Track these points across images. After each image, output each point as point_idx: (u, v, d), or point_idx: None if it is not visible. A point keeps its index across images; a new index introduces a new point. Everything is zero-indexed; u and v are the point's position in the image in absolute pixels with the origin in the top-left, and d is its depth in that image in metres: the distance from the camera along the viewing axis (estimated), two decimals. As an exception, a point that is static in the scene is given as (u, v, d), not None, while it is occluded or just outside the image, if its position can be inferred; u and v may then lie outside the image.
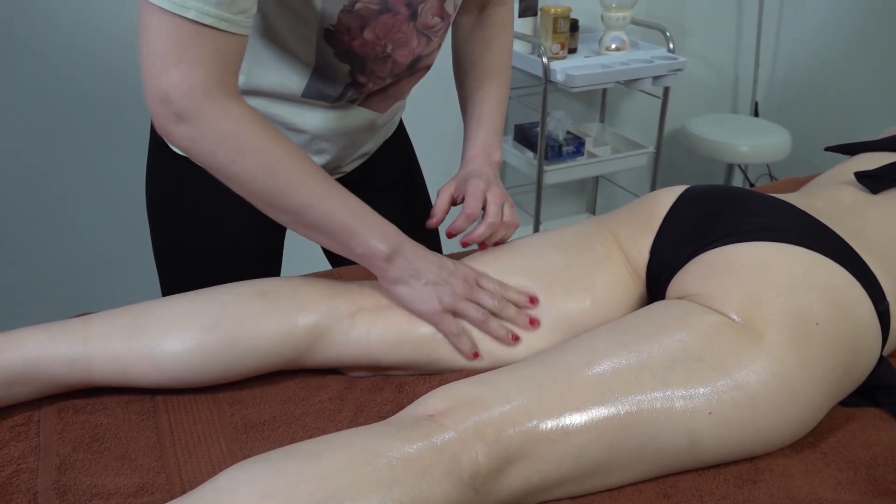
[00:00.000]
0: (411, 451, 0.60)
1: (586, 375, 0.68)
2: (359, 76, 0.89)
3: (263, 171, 0.75)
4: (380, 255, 0.80)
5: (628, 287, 0.87)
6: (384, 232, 0.80)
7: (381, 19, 0.82)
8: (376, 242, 0.79)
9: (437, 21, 0.89)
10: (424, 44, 0.90)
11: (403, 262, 0.80)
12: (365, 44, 0.84)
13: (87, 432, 0.75)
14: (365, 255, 0.80)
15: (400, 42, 0.87)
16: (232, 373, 0.80)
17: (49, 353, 0.76)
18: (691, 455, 0.69)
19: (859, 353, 0.75)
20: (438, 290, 0.81)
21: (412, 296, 0.81)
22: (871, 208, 0.92)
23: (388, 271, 0.81)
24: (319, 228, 0.79)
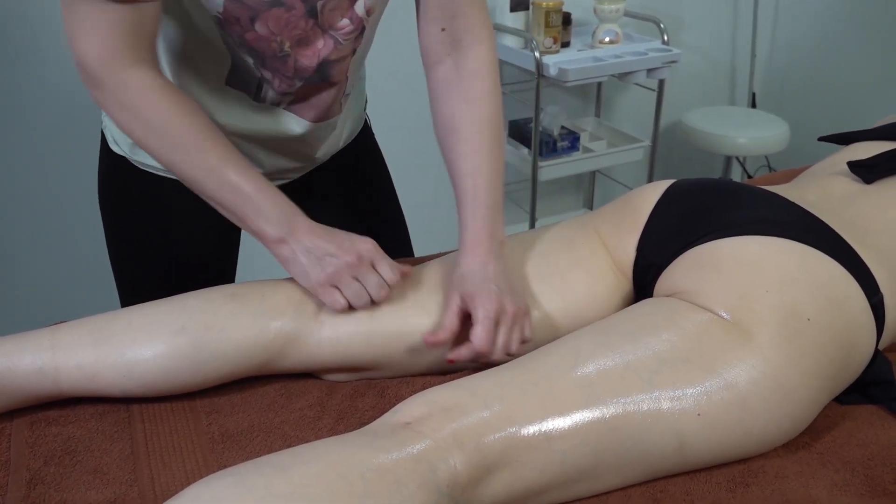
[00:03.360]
0: (386, 461, 0.58)
1: (569, 378, 0.66)
2: (264, 71, 0.86)
3: (157, 143, 0.78)
4: (269, 237, 0.80)
5: (612, 287, 0.85)
6: (278, 215, 0.79)
7: (273, 13, 0.79)
8: (265, 225, 0.79)
9: (346, 23, 0.84)
10: (331, 46, 0.85)
11: (293, 243, 0.80)
12: (258, 38, 0.81)
13: (59, 445, 0.73)
14: (257, 233, 0.80)
15: (298, 40, 0.83)
16: (204, 378, 0.78)
17: (16, 364, 0.74)
18: (680, 458, 0.66)
19: (853, 349, 0.73)
20: (323, 262, 0.79)
21: (299, 270, 0.80)
22: (865, 198, 0.90)
23: (280, 251, 0.81)
24: (216, 202, 0.80)
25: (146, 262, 1.00)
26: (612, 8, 2.11)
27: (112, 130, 0.96)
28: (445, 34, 0.90)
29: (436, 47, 0.91)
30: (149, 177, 0.95)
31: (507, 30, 2.12)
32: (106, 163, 0.99)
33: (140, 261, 1.01)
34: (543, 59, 2.01)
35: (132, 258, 1.01)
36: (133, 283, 1.02)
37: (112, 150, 0.97)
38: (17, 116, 1.82)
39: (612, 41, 2.15)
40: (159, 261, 1.00)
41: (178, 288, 0.85)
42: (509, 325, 0.78)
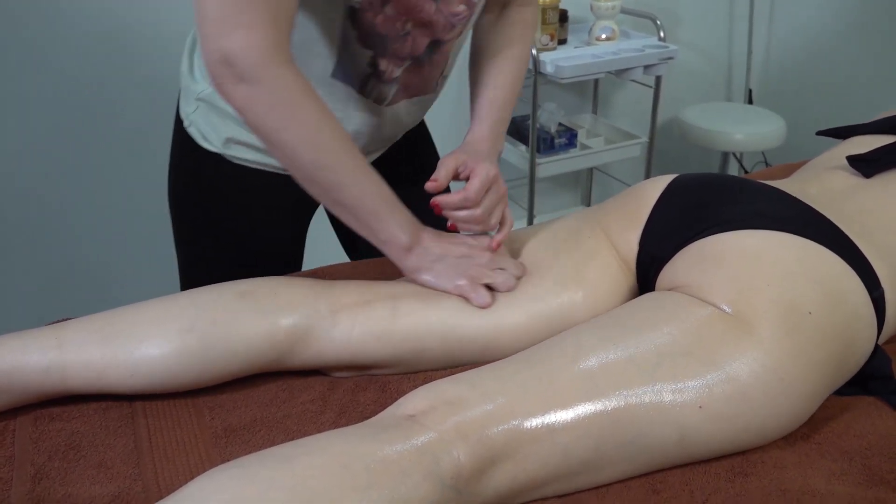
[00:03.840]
0: (390, 453, 0.58)
1: (572, 371, 0.66)
2: (380, 61, 0.88)
3: (308, 144, 0.77)
4: (400, 243, 0.82)
5: (619, 280, 0.86)
6: (407, 223, 0.83)
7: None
8: (399, 232, 0.82)
9: (462, 8, 0.88)
10: (448, 30, 0.89)
11: (422, 251, 0.83)
12: (386, 20, 0.83)
13: (63, 440, 0.73)
14: (388, 241, 0.82)
15: (420, 21, 0.85)
16: (211, 376, 0.78)
17: (23, 362, 0.74)
18: (681, 450, 0.67)
19: (854, 343, 0.73)
20: (463, 264, 0.83)
21: (438, 278, 0.83)
22: (864, 192, 0.91)
23: (407, 260, 0.83)
24: (349, 209, 0.80)
25: (223, 255, 1.01)
26: (608, 5, 2.11)
27: (202, 127, 0.95)
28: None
29: (490, 3, 0.99)
30: (242, 171, 0.96)
31: (505, 27, 2.12)
32: (189, 161, 0.99)
33: (217, 254, 1.01)
34: (540, 57, 2.01)
35: (210, 252, 1.02)
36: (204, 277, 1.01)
37: (201, 148, 0.96)
38: (18, 112, 1.82)
39: (609, 38, 2.15)
40: (236, 254, 1.00)
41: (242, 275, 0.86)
42: (499, 194, 0.89)
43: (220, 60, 0.72)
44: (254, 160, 0.95)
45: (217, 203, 0.99)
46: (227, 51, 0.72)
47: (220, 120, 0.93)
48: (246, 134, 0.93)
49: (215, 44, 0.72)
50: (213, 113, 0.94)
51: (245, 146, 0.94)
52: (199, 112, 0.95)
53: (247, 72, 0.72)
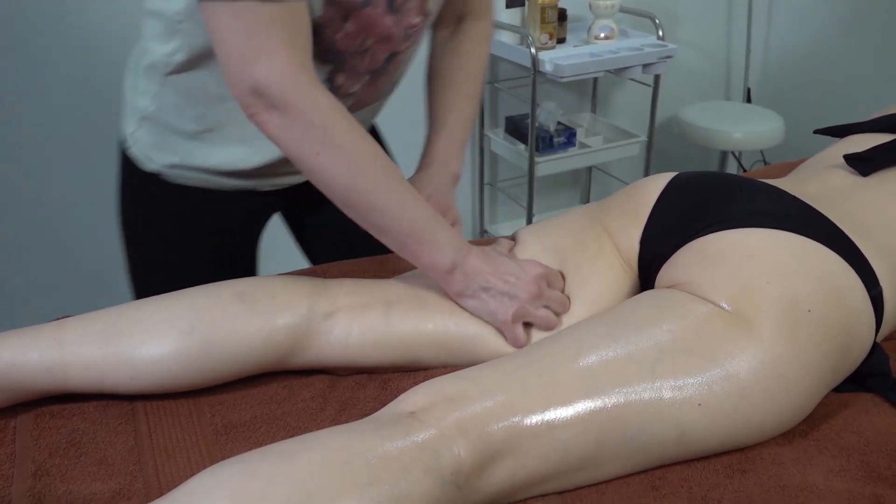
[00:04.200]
0: (390, 448, 0.58)
1: (572, 368, 0.67)
2: (337, 77, 0.87)
3: (344, 168, 0.75)
4: (442, 267, 0.80)
5: (621, 279, 0.86)
6: (450, 246, 0.80)
7: (364, 13, 0.80)
8: (438, 256, 0.79)
9: (418, 20, 0.87)
10: (403, 41, 0.88)
11: (463, 276, 0.80)
12: (346, 36, 0.82)
13: (63, 437, 0.74)
14: (429, 265, 0.80)
15: (379, 36, 0.85)
16: (211, 377, 0.78)
17: (23, 361, 0.74)
18: (681, 447, 0.67)
19: (853, 340, 0.74)
20: (507, 301, 0.80)
21: (481, 308, 0.81)
22: (862, 191, 0.91)
23: (451, 284, 0.81)
24: (388, 232, 0.79)
25: (175, 274, 0.98)
26: (607, 4, 2.11)
27: (146, 148, 0.94)
28: (451, 10, 1.01)
29: (444, 17, 1.01)
30: (185, 191, 0.95)
31: (503, 26, 2.12)
32: (134, 183, 0.97)
33: (170, 272, 0.99)
34: (539, 56, 2.02)
35: (162, 271, 1.00)
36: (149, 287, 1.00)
37: (142, 170, 0.94)
38: (19, 115, 1.82)
39: (608, 37, 2.16)
40: (189, 272, 0.98)
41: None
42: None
43: (250, 92, 0.72)
44: (196, 179, 0.94)
45: (165, 223, 0.98)
46: (255, 81, 0.71)
47: (166, 139, 0.91)
48: (190, 156, 0.92)
49: (242, 76, 0.72)
50: (159, 132, 0.92)
51: (187, 168, 0.93)
52: (142, 131, 0.93)
53: (277, 99, 0.72)
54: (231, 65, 0.72)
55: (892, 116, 1.07)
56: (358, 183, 0.76)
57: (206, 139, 0.91)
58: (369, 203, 0.77)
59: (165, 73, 0.87)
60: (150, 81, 0.90)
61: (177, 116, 0.90)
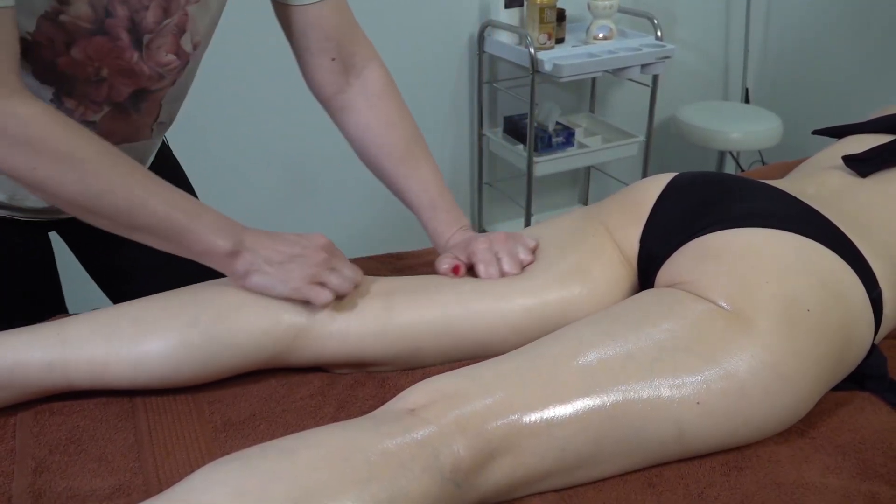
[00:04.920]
0: (390, 445, 0.59)
1: (571, 367, 0.67)
2: (65, 100, 0.79)
3: (70, 176, 0.69)
4: (221, 251, 0.75)
5: (621, 277, 0.86)
6: (222, 226, 0.76)
7: (95, 40, 0.75)
8: (215, 238, 0.75)
9: (171, 59, 0.82)
10: (156, 80, 0.83)
11: (249, 254, 0.76)
12: (73, 63, 0.75)
13: (64, 434, 0.74)
14: (205, 253, 0.75)
15: (119, 69, 0.79)
16: (213, 371, 0.78)
17: (26, 358, 0.74)
18: (679, 446, 0.67)
19: (851, 340, 0.74)
20: (296, 265, 0.77)
21: (269, 281, 0.77)
22: (861, 192, 0.91)
23: (235, 266, 0.77)
24: (148, 230, 0.73)
25: None
26: (606, 4, 2.12)
27: None
28: (336, 63, 0.92)
29: (330, 77, 0.92)
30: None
31: (502, 26, 2.13)
32: None
33: None
34: (538, 55, 2.02)
35: None
36: None
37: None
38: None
39: (606, 37, 2.16)
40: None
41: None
42: (507, 244, 0.85)
43: None
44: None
45: None
46: None
47: None
48: None
49: None
50: None
51: None
52: None
53: None
54: None
55: (890, 117, 1.07)
56: (92, 187, 0.70)
57: None
58: (113, 205, 0.71)
59: None
60: None
61: None
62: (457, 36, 2.24)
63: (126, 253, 1.01)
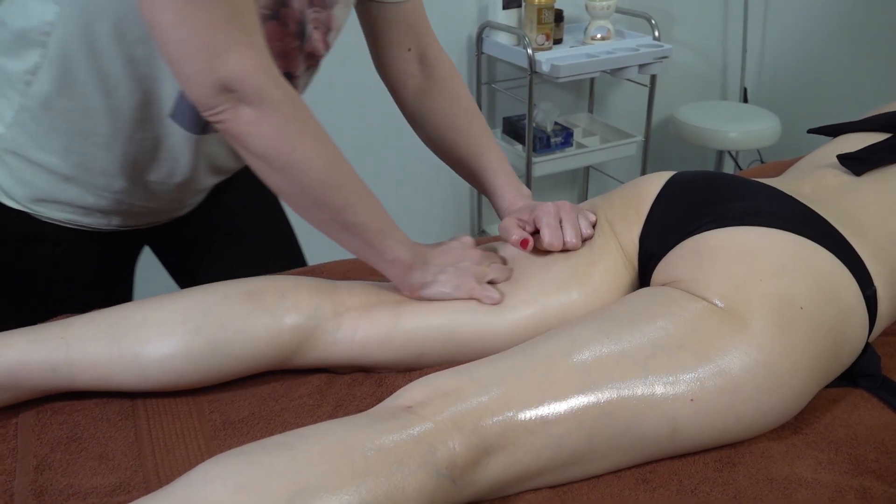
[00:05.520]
0: (387, 441, 0.59)
1: (566, 364, 0.68)
2: None
3: (321, 163, 0.74)
4: (405, 261, 0.81)
5: (622, 276, 0.87)
6: (406, 240, 0.82)
7: (269, 25, 0.79)
8: (402, 250, 0.80)
9: (320, 48, 0.87)
10: (301, 66, 0.87)
11: (423, 266, 0.82)
12: None
13: (65, 433, 0.75)
14: (393, 261, 0.80)
15: (277, 53, 0.82)
16: (218, 375, 0.79)
17: (30, 360, 0.75)
18: (672, 442, 0.68)
19: (845, 339, 0.75)
20: (463, 270, 0.83)
21: (444, 288, 0.82)
22: (857, 191, 0.92)
23: (411, 278, 0.82)
24: (357, 228, 0.78)
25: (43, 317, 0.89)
26: (603, 4, 2.13)
27: (4, 182, 0.87)
28: (412, 53, 0.99)
29: (405, 67, 0.99)
30: (53, 228, 0.91)
31: (500, 27, 2.14)
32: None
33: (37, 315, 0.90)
34: (536, 56, 2.03)
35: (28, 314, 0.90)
36: None
37: (4, 206, 0.88)
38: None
39: (604, 37, 2.17)
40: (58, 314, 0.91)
41: None
42: (571, 215, 0.87)
43: (218, 89, 0.68)
44: (67, 219, 0.91)
45: (28, 263, 0.92)
46: (225, 76, 0.67)
47: (31, 174, 0.86)
48: (59, 192, 0.88)
49: (209, 74, 0.67)
50: (23, 166, 0.86)
51: (56, 204, 0.89)
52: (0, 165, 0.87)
53: (250, 92, 0.68)
54: (194, 64, 0.67)
55: (884, 115, 1.08)
56: (333, 178, 0.74)
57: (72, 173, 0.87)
58: (345, 199, 0.75)
59: (24, 94, 0.81)
60: (5, 102, 0.83)
61: (37, 149, 0.85)
62: (455, 37, 2.25)
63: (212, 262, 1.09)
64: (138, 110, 0.83)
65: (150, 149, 0.87)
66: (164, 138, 0.86)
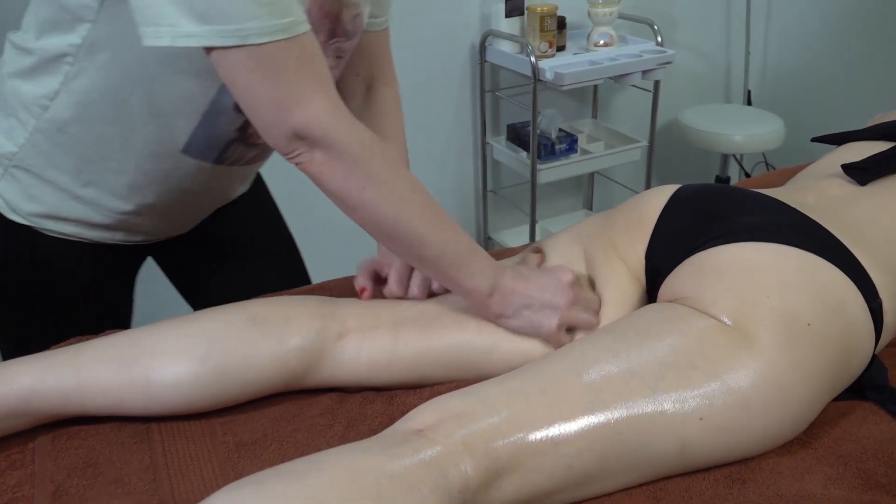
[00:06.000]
0: (398, 467, 0.60)
1: (575, 385, 0.68)
2: (249, 127, 0.85)
3: (390, 201, 0.75)
4: (483, 291, 0.80)
5: (630, 293, 0.87)
6: (488, 268, 0.81)
7: None
8: (479, 281, 0.80)
9: (334, 70, 0.88)
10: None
11: (501, 297, 0.81)
12: None
13: (81, 458, 0.76)
14: (471, 291, 0.80)
15: None
16: (227, 400, 0.80)
17: (42, 387, 0.76)
18: (682, 460, 0.69)
19: (852, 352, 0.75)
20: (549, 312, 0.80)
21: (525, 325, 0.81)
22: (861, 201, 0.92)
23: (490, 307, 0.81)
24: (432, 262, 0.79)
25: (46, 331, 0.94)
26: (605, 11, 2.13)
27: (10, 197, 0.89)
28: (360, 79, 1.00)
29: (350, 85, 0.99)
30: (57, 242, 0.92)
31: (503, 35, 2.14)
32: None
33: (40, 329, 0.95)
34: (539, 64, 2.03)
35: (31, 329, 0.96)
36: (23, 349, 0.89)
37: (7, 219, 0.90)
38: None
39: (607, 44, 2.17)
40: (61, 326, 0.94)
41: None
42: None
43: (293, 137, 0.72)
44: (72, 233, 0.92)
45: (33, 276, 0.94)
46: (297, 125, 0.71)
47: (40, 191, 0.88)
48: (67, 209, 0.89)
49: (283, 125, 0.71)
50: (34, 182, 0.88)
51: (63, 220, 0.90)
52: (7, 179, 0.88)
53: (320, 138, 0.72)
54: (269, 116, 0.71)
55: (888, 124, 1.08)
56: (403, 215, 0.76)
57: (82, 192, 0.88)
58: (416, 234, 0.77)
59: (38, 117, 0.83)
60: (18, 123, 0.85)
61: (49, 167, 0.86)
62: (458, 46, 2.26)
63: (216, 277, 1.10)
64: (152, 144, 0.85)
65: (161, 178, 0.89)
66: (176, 170, 0.88)
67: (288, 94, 0.70)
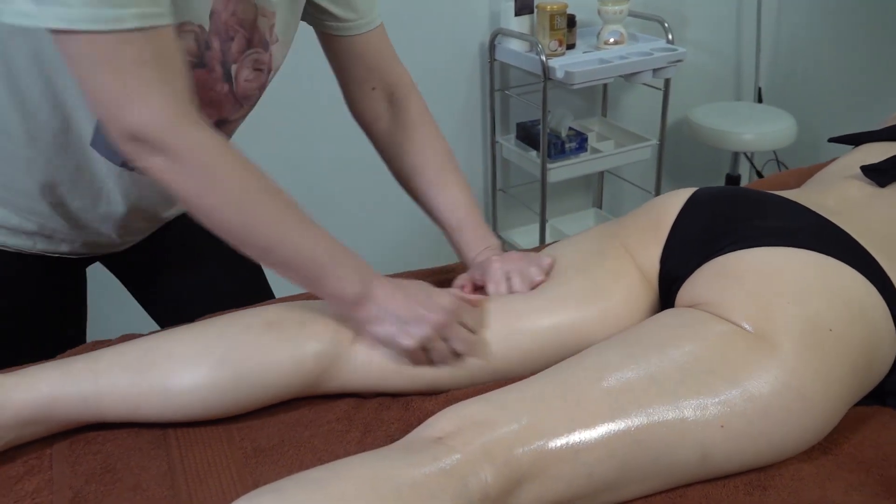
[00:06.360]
0: (419, 475, 0.60)
1: (595, 391, 0.68)
2: None
3: (234, 206, 0.73)
4: (348, 298, 0.79)
5: (641, 296, 0.86)
6: (355, 274, 0.79)
7: (195, 73, 0.79)
8: (345, 286, 0.78)
9: (255, 93, 0.87)
10: (237, 110, 0.88)
11: (372, 305, 0.79)
12: None
13: (98, 464, 0.76)
14: (335, 296, 0.79)
15: (209, 100, 0.83)
16: (243, 405, 0.80)
17: (61, 394, 0.76)
18: (703, 468, 0.68)
19: (874, 358, 0.74)
20: (411, 329, 0.79)
21: (385, 334, 0.80)
22: (881, 203, 0.91)
23: (357, 313, 0.80)
24: (289, 266, 0.77)
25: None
26: (616, 9, 2.12)
27: None
28: (377, 92, 0.99)
29: (372, 105, 0.99)
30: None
31: (513, 34, 2.13)
32: None
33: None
34: (549, 62, 2.03)
35: None
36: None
37: None
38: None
39: (617, 42, 2.16)
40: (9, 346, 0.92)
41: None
42: (520, 264, 0.89)
43: (129, 138, 0.69)
44: (13, 245, 0.90)
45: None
46: (132, 127, 0.68)
47: None
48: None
49: (119, 123, 0.69)
50: None
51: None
52: None
53: (157, 142, 0.69)
54: (107, 113, 0.69)
55: (905, 125, 1.07)
56: (249, 221, 0.74)
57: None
58: (266, 240, 0.75)
59: None
60: None
61: None
62: (468, 44, 2.25)
63: (178, 283, 1.08)
64: (58, 136, 0.82)
65: (71, 175, 0.86)
66: (86, 166, 0.85)
67: (125, 91, 0.67)
